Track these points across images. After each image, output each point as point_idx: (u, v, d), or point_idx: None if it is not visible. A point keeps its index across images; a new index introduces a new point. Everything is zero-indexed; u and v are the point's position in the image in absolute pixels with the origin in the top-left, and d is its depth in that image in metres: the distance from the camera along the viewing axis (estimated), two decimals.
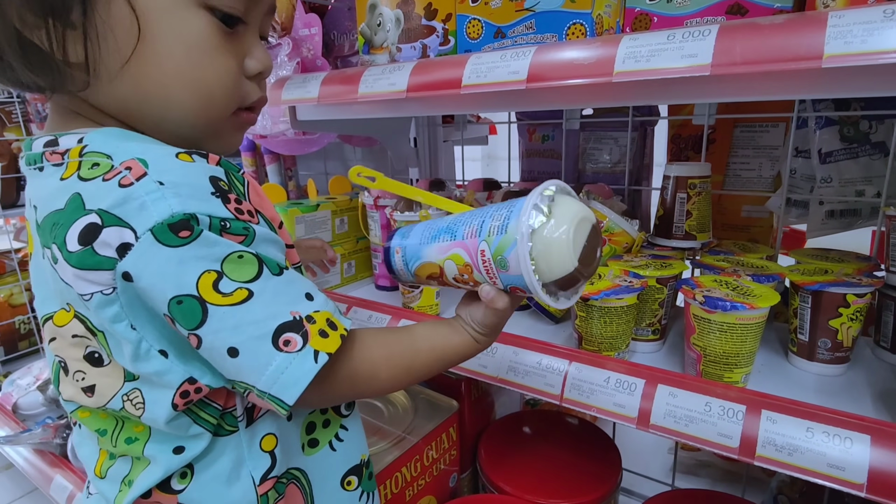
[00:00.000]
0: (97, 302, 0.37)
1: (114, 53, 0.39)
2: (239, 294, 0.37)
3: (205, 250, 0.36)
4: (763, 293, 0.62)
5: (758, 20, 0.49)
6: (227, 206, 0.39)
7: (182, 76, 0.42)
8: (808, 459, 0.52)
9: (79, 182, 0.37)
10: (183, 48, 0.41)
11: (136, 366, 0.40)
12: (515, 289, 0.45)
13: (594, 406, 0.64)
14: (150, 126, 0.43)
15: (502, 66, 0.61)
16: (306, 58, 1.04)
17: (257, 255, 0.39)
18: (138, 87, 0.41)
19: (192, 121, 0.44)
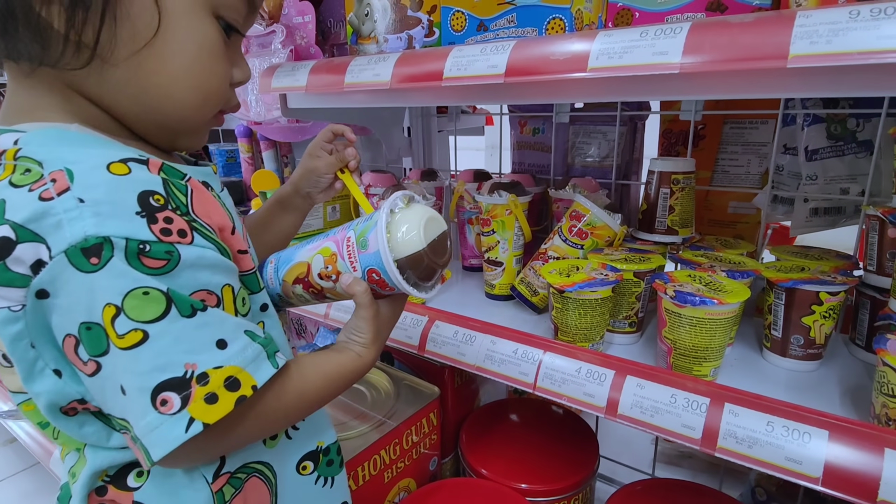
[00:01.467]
0: (2, 317, 0.36)
1: (126, 41, 0.39)
2: (132, 336, 0.36)
3: (111, 281, 0.35)
4: (734, 289, 0.63)
5: (728, 18, 0.49)
6: (152, 227, 0.37)
7: (187, 76, 0.43)
8: (766, 452, 0.53)
9: (8, 188, 0.35)
10: (193, 50, 0.42)
11: (29, 384, 0.39)
12: (372, 272, 0.48)
13: (565, 395, 0.65)
14: (131, 115, 0.43)
15: (482, 59, 0.62)
16: (300, 45, 1.05)
17: (167, 293, 0.37)
18: (140, 78, 0.41)
19: (184, 117, 0.45)
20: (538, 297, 0.86)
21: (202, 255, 0.39)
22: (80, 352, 0.36)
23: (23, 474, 1.51)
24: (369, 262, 0.47)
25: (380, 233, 0.46)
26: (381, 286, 0.49)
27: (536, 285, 0.85)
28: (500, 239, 0.91)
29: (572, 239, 0.83)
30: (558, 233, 0.85)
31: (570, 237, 0.83)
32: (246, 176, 1.34)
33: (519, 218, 0.90)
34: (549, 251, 0.85)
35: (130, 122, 0.44)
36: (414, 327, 0.81)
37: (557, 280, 0.69)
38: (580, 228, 0.83)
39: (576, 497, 0.85)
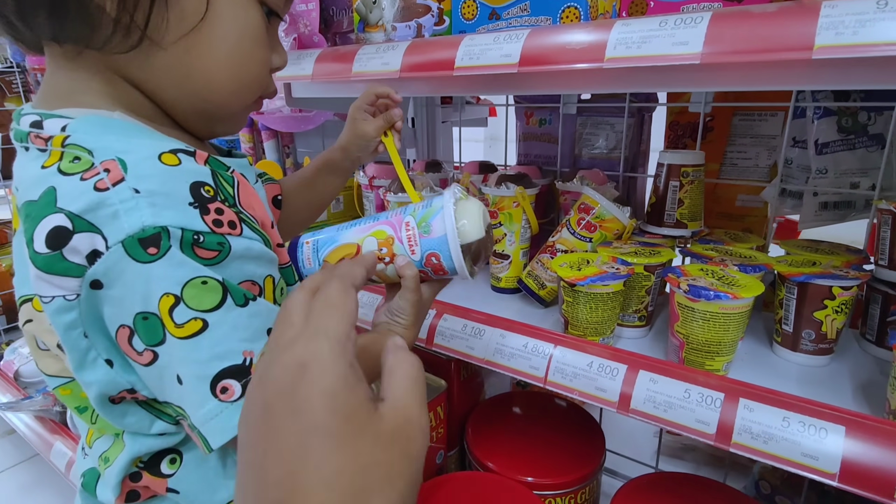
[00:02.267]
0: (57, 306, 0.36)
1: (175, 25, 0.39)
2: (192, 325, 0.36)
3: (169, 270, 0.35)
4: (747, 283, 0.62)
5: (750, 8, 0.48)
6: (205, 218, 0.37)
7: (231, 61, 0.43)
8: (782, 448, 0.53)
9: (58, 175, 0.36)
10: (238, 35, 0.43)
11: (80, 373, 0.39)
12: (432, 255, 0.49)
13: (576, 389, 0.65)
14: (173, 101, 0.44)
15: (495, 48, 0.61)
16: (303, 34, 1.03)
17: (223, 283, 0.37)
18: (185, 63, 0.41)
19: (224, 103, 0.45)
20: (545, 291, 0.85)
21: (250, 246, 0.40)
22: (135, 342, 0.37)
23: (21, 466, 1.51)
24: (431, 246, 0.49)
25: (447, 219, 0.48)
26: (436, 270, 0.50)
27: (544, 278, 0.85)
28: (506, 231, 0.90)
29: (581, 232, 0.82)
30: (566, 225, 0.84)
31: (579, 230, 0.83)
32: None
33: (526, 210, 0.89)
34: (556, 244, 0.84)
35: (170, 107, 0.45)
36: None
37: (568, 274, 0.68)
38: (589, 221, 0.82)
39: (583, 490, 0.84)
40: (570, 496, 0.84)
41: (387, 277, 0.52)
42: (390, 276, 0.51)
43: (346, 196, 1.11)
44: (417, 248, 0.49)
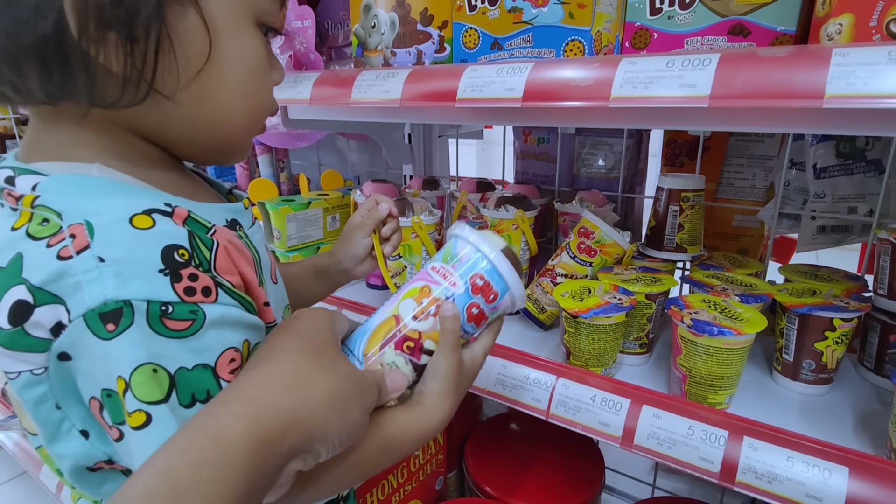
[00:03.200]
0: (24, 381, 0.34)
1: (183, 70, 0.37)
2: (138, 417, 0.33)
3: (124, 352, 0.33)
4: (750, 317, 0.62)
5: (759, 51, 0.48)
6: (176, 286, 0.34)
7: (242, 96, 0.41)
8: (786, 488, 0.53)
9: (26, 240, 0.34)
10: (246, 68, 0.41)
11: (53, 446, 0.37)
12: (475, 278, 0.45)
13: (580, 423, 0.65)
14: (182, 142, 0.42)
15: (498, 81, 0.60)
16: (299, 51, 1.02)
17: (175, 375, 0.34)
18: (195, 107, 0.39)
19: (237, 138, 0.44)
20: (545, 315, 0.85)
21: (226, 312, 0.37)
22: (105, 416, 0.34)
23: (10, 484, 1.48)
24: (469, 269, 0.45)
25: (470, 234, 0.45)
26: (487, 297, 0.45)
27: (544, 302, 0.84)
28: None
29: (581, 256, 0.82)
30: (566, 249, 0.84)
31: (579, 254, 0.82)
32: (240, 180, 1.31)
33: (526, 233, 0.88)
34: (557, 268, 0.84)
35: (179, 147, 0.43)
36: None
37: (571, 305, 0.68)
38: (589, 246, 0.82)
39: None
40: None
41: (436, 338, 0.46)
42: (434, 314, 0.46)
43: (342, 214, 1.10)
44: (457, 279, 0.45)
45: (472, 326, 0.46)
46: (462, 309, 0.45)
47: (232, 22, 0.39)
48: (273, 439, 0.31)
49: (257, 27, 0.41)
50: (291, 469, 0.33)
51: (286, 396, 0.34)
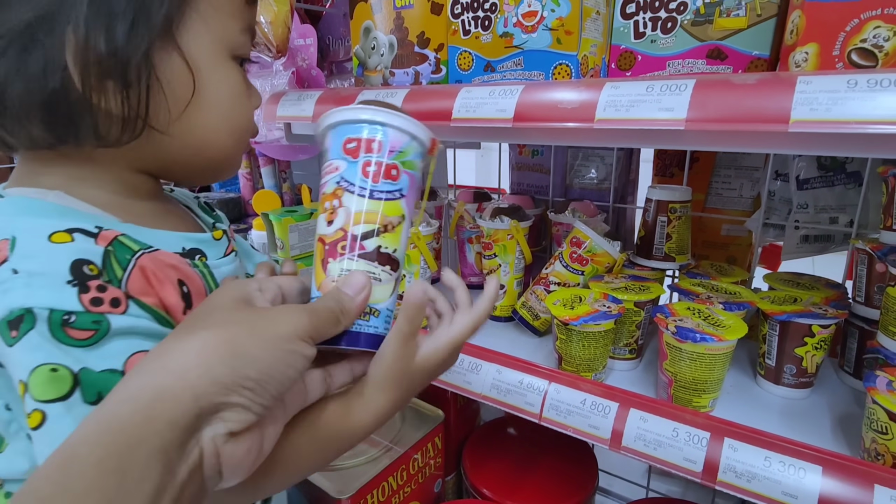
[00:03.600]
0: None
1: (172, 106, 0.42)
2: (35, 417, 0.34)
3: (23, 355, 0.34)
4: (732, 324, 0.66)
5: (732, 77, 0.51)
6: (82, 297, 0.36)
7: (226, 122, 0.46)
8: (764, 486, 0.56)
9: None
10: (227, 97, 0.45)
11: (10, 447, 0.39)
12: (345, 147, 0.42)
13: (571, 426, 0.68)
14: (174, 167, 0.46)
15: (491, 102, 0.63)
16: (301, 68, 1.06)
17: (79, 374, 0.35)
18: (184, 136, 0.44)
19: (226, 158, 0.49)
20: (539, 322, 0.88)
21: (135, 324, 0.38)
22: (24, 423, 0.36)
23: None
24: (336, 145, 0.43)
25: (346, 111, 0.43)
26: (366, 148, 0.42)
27: (538, 310, 0.88)
28: (501, 262, 0.93)
29: (573, 265, 0.85)
30: (559, 258, 0.87)
31: (571, 263, 0.86)
32: (244, 192, 1.34)
33: (520, 243, 0.92)
34: (550, 276, 0.87)
35: (173, 172, 0.47)
36: None
37: (562, 312, 0.71)
38: (580, 255, 0.85)
39: None
40: None
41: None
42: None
43: None
44: (335, 163, 0.42)
45: (388, 183, 0.43)
46: (357, 175, 0.42)
47: (211, 59, 0.43)
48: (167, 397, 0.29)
49: (233, 60, 0.45)
50: (211, 434, 0.31)
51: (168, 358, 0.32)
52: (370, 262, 0.43)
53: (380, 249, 0.43)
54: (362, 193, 0.42)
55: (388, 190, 0.43)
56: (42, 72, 0.37)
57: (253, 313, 0.36)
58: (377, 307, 0.43)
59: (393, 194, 0.43)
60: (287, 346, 0.35)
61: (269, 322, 0.35)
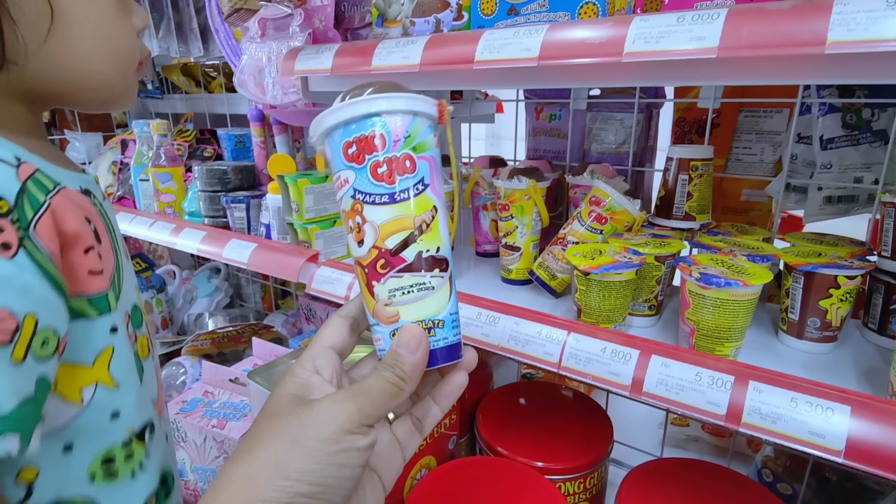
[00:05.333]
0: None
1: (30, 35, 0.40)
2: None
3: None
4: (757, 272, 0.65)
5: (766, 5, 0.50)
6: None
7: (99, 45, 0.45)
8: (790, 427, 0.55)
9: None
10: (93, 20, 0.44)
11: None
12: (345, 152, 0.38)
13: (590, 374, 0.67)
14: (62, 96, 0.46)
15: (515, 42, 0.63)
16: (318, 29, 1.05)
17: None
18: (57, 64, 0.43)
19: (110, 84, 0.47)
20: (556, 282, 0.87)
21: (16, 274, 0.36)
22: None
23: None
24: (337, 155, 0.39)
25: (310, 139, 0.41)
26: (369, 147, 0.38)
27: (555, 269, 0.87)
28: (518, 224, 0.92)
29: (591, 224, 0.85)
30: (577, 218, 0.86)
31: (590, 222, 0.85)
32: (258, 160, 1.34)
33: (538, 203, 0.91)
34: (568, 236, 0.87)
35: (63, 101, 0.47)
36: None
37: (582, 262, 0.71)
38: (599, 213, 0.84)
39: (591, 475, 0.87)
40: (578, 481, 0.86)
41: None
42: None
43: None
44: (342, 174, 0.39)
45: (406, 179, 0.38)
46: (370, 181, 0.38)
47: None
48: None
49: None
50: None
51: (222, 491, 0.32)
52: (416, 273, 0.39)
53: (422, 255, 0.39)
54: (383, 201, 0.38)
55: (410, 186, 0.38)
56: None
57: (298, 417, 0.34)
58: (440, 318, 0.40)
59: (417, 188, 0.39)
60: (334, 447, 0.32)
61: (312, 424, 0.33)
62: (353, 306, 0.43)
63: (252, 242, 1.08)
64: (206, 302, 1.72)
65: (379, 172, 0.38)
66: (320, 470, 0.32)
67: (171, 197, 1.32)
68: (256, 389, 0.84)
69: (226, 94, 1.62)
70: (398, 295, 0.39)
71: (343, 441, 0.33)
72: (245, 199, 1.18)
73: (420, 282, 0.39)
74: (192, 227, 1.20)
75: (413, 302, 0.39)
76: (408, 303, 0.39)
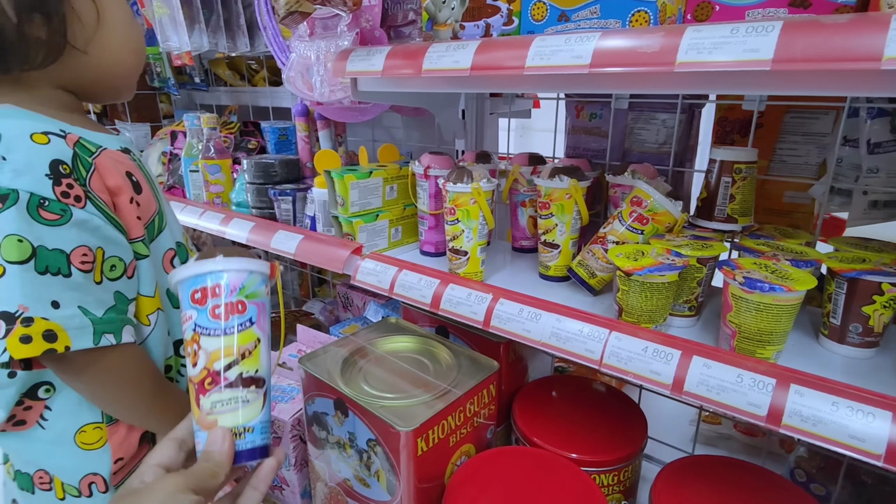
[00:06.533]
0: None
1: (83, 31, 0.58)
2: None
3: (3, 223, 0.48)
4: (800, 277, 0.66)
5: (821, 18, 0.51)
6: (55, 189, 0.50)
7: (128, 44, 0.64)
8: (831, 430, 0.57)
9: None
10: (123, 24, 0.63)
11: None
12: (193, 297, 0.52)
13: (631, 372, 0.69)
14: (90, 84, 0.63)
15: (566, 49, 0.65)
16: (364, 28, 1.08)
17: (36, 248, 0.49)
18: (97, 54, 0.60)
19: (132, 74, 0.67)
20: (595, 280, 0.89)
21: (89, 219, 0.52)
22: None
23: None
24: (185, 299, 0.53)
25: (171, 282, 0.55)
26: (212, 294, 0.52)
27: (595, 268, 0.89)
28: (558, 222, 0.94)
29: (632, 224, 0.86)
30: (618, 217, 0.88)
31: (630, 222, 0.86)
32: (302, 154, 1.39)
33: (578, 202, 0.93)
34: (608, 235, 0.88)
35: (89, 89, 0.63)
36: (479, 303, 0.86)
37: (625, 263, 0.73)
38: (641, 214, 0.86)
39: (626, 469, 0.89)
40: (613, 474, 0.89)
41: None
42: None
43: (400, 185, 1.16)
44: (188, 312, 0.53)
45: (237, 317, 0.52)
46: (208, 319, 0.51)
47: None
48: None
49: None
50: None
51: None
52: (235, 388, 0.51)
53: (242, 375, 0.51)
54: (216, 333, 0.51)
55: (239, 323, 0.52)
56: None
57: (139, 493, 0.45)
58: (250, 424, 0.52)
59: (244, 325, 0.52)
60: (171, 499, 0.44)
61: (152, 491, 0.45)
62: (181, 430, 0.54)
63: (298, 234, 1.13)
64: None
65: (217, 312, 0.51)
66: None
67: (219, 188, 1.38)
68: (307, 374, 0.89)
69: (269, 87, 1.66)
70: (218, 406, 0.50)
71: (174, 497, 0.44)
72: (292, 191, 1.22)
73: (236, 396, 0.51)
74: (241, 218, 1.25)
75: (230, 412, 0.51)
76: (225, 412, 0.51)
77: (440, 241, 1.11)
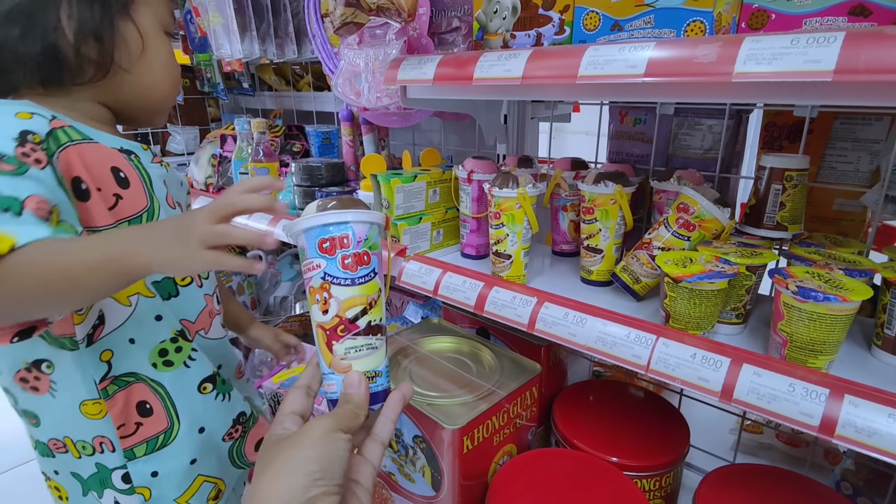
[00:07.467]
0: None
1: (128, 56, 0.68)
2: None
3: None
4: (855, 287, 0.65)
5: (884, 29, 0.51)
6: (17, 149, 0.54)
7: (165, 73, 0.73)
8: (887, 442, 0.56)
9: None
10: (164, 56, 0.73)
11: None
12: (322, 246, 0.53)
13: (679, 378, 0.70)
14: (127, 105, 0.72)
15: (620, 59, 0.66)
16: (412, 37, 1.11)
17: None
18: (137, 79, 0.70)
19: (164, 101, 0.75)
20: (640, 285, 0.90)
21: (46, 178, 0.55)
22: None
23: None
24: (312, 248, 0.54)
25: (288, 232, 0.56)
26: (339, 245, 0.53)
27: (639, 273, 0.89)
28: (602, 227, 0.95)
29: (678, 230, 0.86)
30: (664, 223, 0.88)
31: (677, 228, 0.87)
32: (346, 158, 1.43)
33: (623, 208, 0.93)
34: (653, 241, 0.89)
35: (124, 108, 0.72)
36: (523, 307, 0.87)
37: (674, 270, 0.73)
38: (687, 220, 0.86)
39: (668, 475, 0.89)
40: (655, 479, 0.89)
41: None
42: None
43: (442, 188, 1.18)
44: (315, 261, 0.54)
45: (364, 268, 0.54)
46: (338, 268, 0.53)
47: (151, 29, 0.70)
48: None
49: (165, 34, 0.73)
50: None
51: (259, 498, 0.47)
52: (366, 336, 0.55)
53: (371, 323, 0.55)
54: (347, 283, 0.54)
55: (365, 273, 0.55)
56: (43, 31, 0.61)
57: (293, 437, 0.49)
58: (379, 369, 0.56)
59: (369, 276, 0.55)
60: (324, 439, 0.49)
61: (305, 432, 0.49)
62: (305, 377, 0.58)
63: None
64: (288, 286, 1.84)
65: (346, 263, 0.53)
66: (322, 451, 0.48)
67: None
68: None
69: (313, 92, 1.71)
70: (352, 352, 0.55)
71: (328, 436, 0.49)
72: (337, 194, 1.26)
73: (369, 343, 0.55)
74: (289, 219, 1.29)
75: (363, 357, 0.55)
76: (359, 357, 0.55)
77: (481, 243, 1.13)
